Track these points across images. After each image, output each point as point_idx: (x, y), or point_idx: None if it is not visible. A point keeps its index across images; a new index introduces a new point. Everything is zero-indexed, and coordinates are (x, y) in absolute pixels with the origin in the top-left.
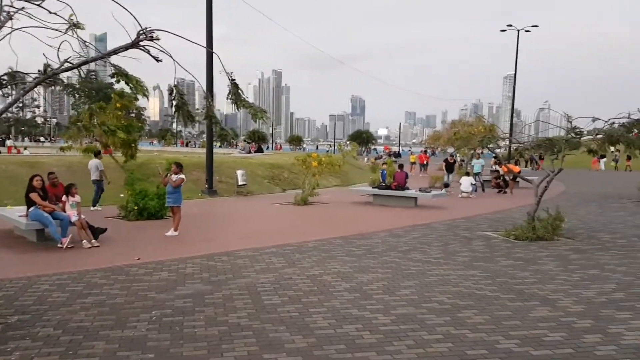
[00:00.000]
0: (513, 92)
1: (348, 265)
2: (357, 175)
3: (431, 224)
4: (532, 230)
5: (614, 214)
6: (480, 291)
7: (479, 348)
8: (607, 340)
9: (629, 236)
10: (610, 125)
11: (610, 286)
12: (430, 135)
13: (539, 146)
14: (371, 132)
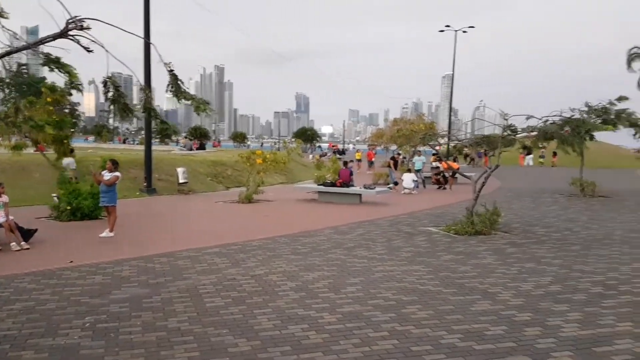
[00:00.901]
0: (451, 92)
1: (294, 264)
2: (303, 172)
3: (375, 220)
4: (471, 225)
5: (547, 208)
6: (423, 286)
7: (424, 344)
8: (546, 333)
9: (562, 230)
10: (544, 123)
11: (546, 279)
12: (373, 132)
13: (477, 143)
14: (316, 130)
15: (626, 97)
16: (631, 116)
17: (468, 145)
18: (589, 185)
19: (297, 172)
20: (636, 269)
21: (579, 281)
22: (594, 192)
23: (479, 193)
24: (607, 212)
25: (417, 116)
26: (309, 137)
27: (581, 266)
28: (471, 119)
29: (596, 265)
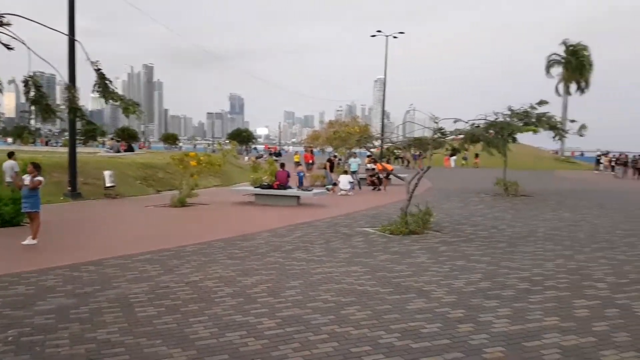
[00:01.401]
0: (383, 95)
1: (230, 269)
2: (238, 174)
3: (313, 222)
4: (405, 225)
5: (474, 207)
6: (361, 287)
7: (363, 345)
8: (479, 329)
9: (489, 228)
10: (470, 126)
11: (477, 276)
12: (309, 134)
13: (409, 145)
14: (251, 131)
15: (546, 102)
16: (550, 119)
17: (401, 147)
18: (512, 185)
19: (232, 175)
20: (559, 265)
21: (507, 277)
22: (517, 191)
23: (412, 194)
24: (530, 211)
25: (351, 119)
26: (245, 138)
27: (508, 263)
28: (403, 122)
29: (522, 261)
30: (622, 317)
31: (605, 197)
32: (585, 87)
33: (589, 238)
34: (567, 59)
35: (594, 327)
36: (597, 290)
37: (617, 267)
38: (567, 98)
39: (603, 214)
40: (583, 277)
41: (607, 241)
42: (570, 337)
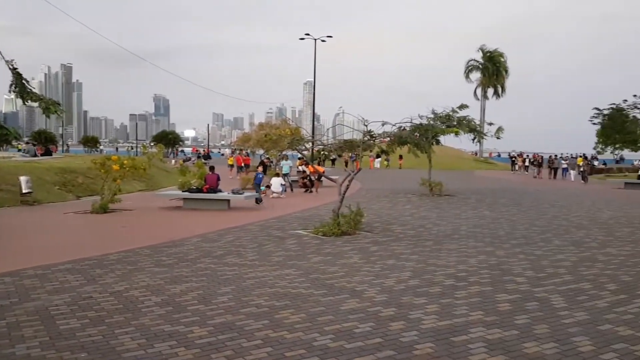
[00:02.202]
0: (313, 98)
1: (158, 277)
2: (165, 178)
3: (245, 225)
4: (337, 226)
5: (402, 207)
6: (295, 290)
7: (298, 348)
8: (409, 327)
9: (416, 227)
10: (398, 128)
11: (406, 274)
12: (239, 136)
13: (340, 148)
14: (178, 133)
15: (467, 105)
16: (470, 122)
17: (332, 149)
18: (437, 185)
19: (159, 179)
20: (482, 261)
21: (434, 275)
22: (441, 191)
23: (343, 195)
24: (453, 210)
25: (282, 121)
26: (171, 141)
27: (435, 260)
28: (333, 125)
29: (448, 259)
30: (541, 310)
31: (521, 196)
32: (502, 92)
33: (508, 235)
34: (485, 65)
35: (516, 321)
36: (517, 284)
37: (535, 262)
38: (485, 102)
39: (520, 212)
40: (504, 272)
41: (525, 237)
42: (494, 331)
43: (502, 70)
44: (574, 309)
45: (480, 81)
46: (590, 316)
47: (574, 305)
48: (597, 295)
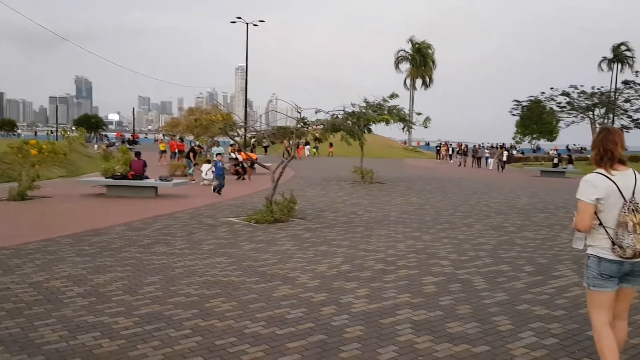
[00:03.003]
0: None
1: (80, 267)
2: (88, 164)
3: (174, 213)
4: (270, 214)
5: (335, 194)
6: (226, 278)
7: (228, 336)
8: (340, 310)
9: (348, 214)
10: (331, 116)
11: (338, 260)
12: (167, 122)
13: (274, 134)
14: (101, 117)
15: (397, 95)
16: (400, 112)
17: (265, 136)
18: (368, 173)
19: (80, 165)
20: (409, 246)
21: (365, 259)
22: (372, 179)
23: (277, 182)
24: (384, 196)
25: (213, 106)
26: (94, 125)
27: (365, 245)
28: (266, 111)
29: (377, 244)
30: (464, 291)
31: (446, 183)
32: (430, 83)
33: (434, 220)
34: (413, 56)
35: (440, 302)
36: (442, 267)
37: (458, 245)
38: (414, 92)
39: (445, 198)
40: (430, 255)
41: (449, 222)
42: (420, 312)
43: (430, 62)
44: (494, 289)
45: (410, 72)
46: (509, 296)
47: (494, 286)
48: (515, 277)
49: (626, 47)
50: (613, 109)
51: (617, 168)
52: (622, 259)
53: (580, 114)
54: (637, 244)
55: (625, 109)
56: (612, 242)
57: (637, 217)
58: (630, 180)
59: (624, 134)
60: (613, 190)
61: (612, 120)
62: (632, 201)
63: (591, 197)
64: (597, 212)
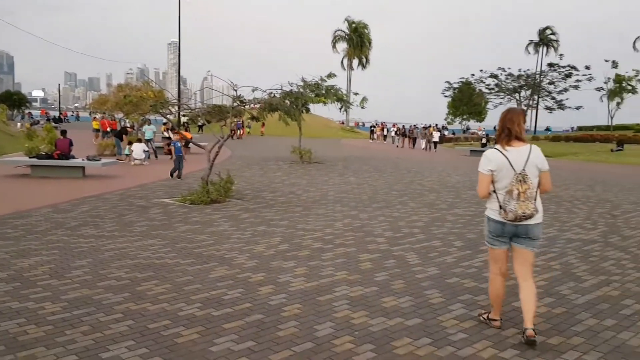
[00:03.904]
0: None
1: (3, 251)
2: (9, 143)
3: (103, 194)
4: (206, 194)
5: (273, 174)
6: (159, 260)
7: (162, 319)
8: (278, 290)
9: (287, 194)
10: (268, 95)
11: (276, 239)
12: (95, 99)
13: (209, 113)
14: (24, 94)
15: (334, 74)
16: (337, 92)
17: (200, 114)
18: (306, 153)
19: (2, 144)
20: (347, 224)
21: (303, 239)
22: (310, 159)
23: (213, 162)
24: (322, 176)
25: (144, 83)
26: (16, 102)
27: (304, 225)
28: (201, 89)
29: (316, 223)
30: (399, 267)
31: (383, 163)
32: (366, 63)
33: (370, 199)
34: (350, 36)
35: (376, 278)
36: (377, 244)
37: (393, 223)
38: (351, 73)
39: (381, 178)
40: (366, 233)
41: (385, 201)
42: (356, 288)
43: (366, 42)
44: (426, 264)
45: (347, 52)
46: (440, 271)
47: (426, 261)
48: (446, 252)
49: (551, 31)
50: (538, 91)
51: (513, 144)
52: (505, 221)
53: (508, 95)
54: (519, 210)
55: (550, 90)
56: (500, 206)
57: (522, 187)
58: (523, 155)
59: (524, 115)
60: (504, 163)
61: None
62: (522, 173)
63: (486, 169)
64: (493, 181)
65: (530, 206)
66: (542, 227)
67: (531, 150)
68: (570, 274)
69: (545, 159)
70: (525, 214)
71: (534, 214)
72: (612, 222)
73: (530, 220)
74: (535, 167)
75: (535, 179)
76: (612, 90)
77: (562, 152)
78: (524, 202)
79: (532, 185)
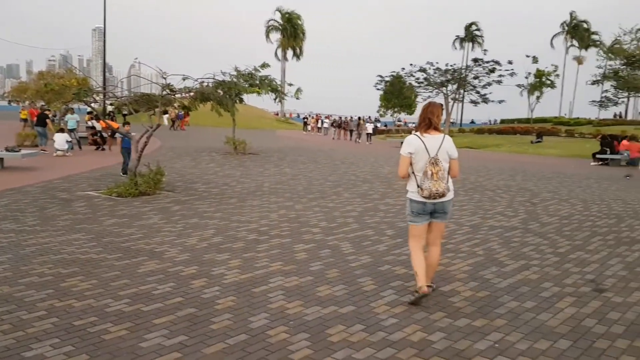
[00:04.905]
0: (104, 46)
1: None
2: None
3: (23, 187)
4: (134, 186)
5: (206, 166)
6: (85, 255)
7: (88, 316)
8: (211, 283)
9: (220, 185)
10: (200, 84)
11: (209, 232)
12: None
13: (136, 101)
14: None
15: (268, 65)
16: (272, 82)
17: (126, 103)
18: (241, 144)
19: None
20: (282, 215)
21: (238, 231)
22: (245, 150)
23: (141, 153)
24: (257, 168)
25: (67, 70)
26: None
27: (238, 217)
28: (127, 76)
29: (251, 215)
30: (333, 256)
31: (318, 154)
32: (301, 54)
33: (306, 190)
34: (284, 26)
35: (311, 268)
36: (313, 234)
37: (328, 213)
38: (286, 63)
39: (316, 169)
40: (301, 224)
41: (320, 192)
42: (292, 279)
43: (300, 33)
44: (359, 253)
45: (280, 42)
46: (372, 259)
47: (359, 250)
48: (378, 240)
49: (476, 26)
50: (464, 85)
51: (431, 133)
52: (425, 200)
53: (436, 89)
54: (433, 187)
55: (474, 85)
56: (418, 185)
57: (435, 168)
58: (437, 142)
59: (442, 109)
60: (421, 147)
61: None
62: (435, 157)
63: (406, 151)
64: (412, 163)
65: (442, 185)
66: (452, 203)
67: (444, 139)
68: (493, 259)
69: (455, 148)
70: (438, 191)
71: (445, 192)
72: (532, 209)
73: (443, 197)
74: (447, 153)
75: (446, 164)
76: (532, 84)
77: (486, 144)
78: (437, 182)
79: (443, 168)
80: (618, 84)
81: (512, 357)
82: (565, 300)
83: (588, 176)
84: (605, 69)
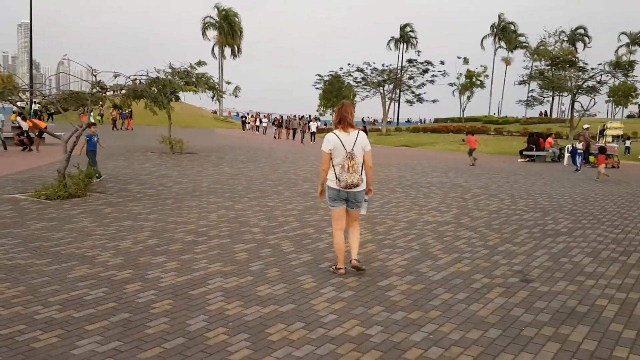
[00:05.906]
0: (30, 42)
1: None
2: None
3: None
4: (63, 188)
5: (140, 166)
6: (11, 261)
7: (16, 324)
8: (146, 286)
9: (156, 186)
10: (133, 81)
11: (145, 234)
12: None
13: (65, 100)
14: None
15: (204, 62)
16: (209, 80)
17: (54, 101)
18: (177, 143)
19: None
20: (222, 215)
21: (175, 232)
22: (182, 149)
23: (70, 153)
24: (195, 167)
25: None
26: None
27: (175, 218)
28: (56, 73)
29: (188, 216)
30: (274, 256)
31: (258, 153)
32: (239, 52)
33: (246, 189)
34: (221, 24)
35: (251, 267)
36: (253, 234)
37: (269, 212)
38: (223, 61)
39: (256, 168)
40: (242, 224)
41: (260, 191)
42: (231, 279)
43: (237, 30)
44: (300, 252)
45: (217, 39)
46: (313, 257)
47: (300, 248)
48: (318, 239)
49: (411, 28)
50: (399, 85)
51: (347, 130)
52: (339, 188)
53: (373, 89)
54: (349, 179)
55: (409, 85)
56: (336, 177)
57: (351, 162)
58: (352, 138)
59: (354, 107)
60: (338, 144)
61: (398, 96)
62: (351, 152)
63: (327, 149)
64: (332, 157)
65: (357, 177)
66: (364, 193)
67: (358, 134)
68: (427, 253)
69: (368, 142)
70: (353, 182)
71: (359, 183)
72: (464, 205)
73: (356, 188)
74: (361, 147)
75: (361, 157)
76: (463, 84)
77: (421, 142)
78: (352, 174)
79: (358, 161)
80: (543, 84)
81: (445, 347)
82: (495, 290)
83: (516, 172)
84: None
